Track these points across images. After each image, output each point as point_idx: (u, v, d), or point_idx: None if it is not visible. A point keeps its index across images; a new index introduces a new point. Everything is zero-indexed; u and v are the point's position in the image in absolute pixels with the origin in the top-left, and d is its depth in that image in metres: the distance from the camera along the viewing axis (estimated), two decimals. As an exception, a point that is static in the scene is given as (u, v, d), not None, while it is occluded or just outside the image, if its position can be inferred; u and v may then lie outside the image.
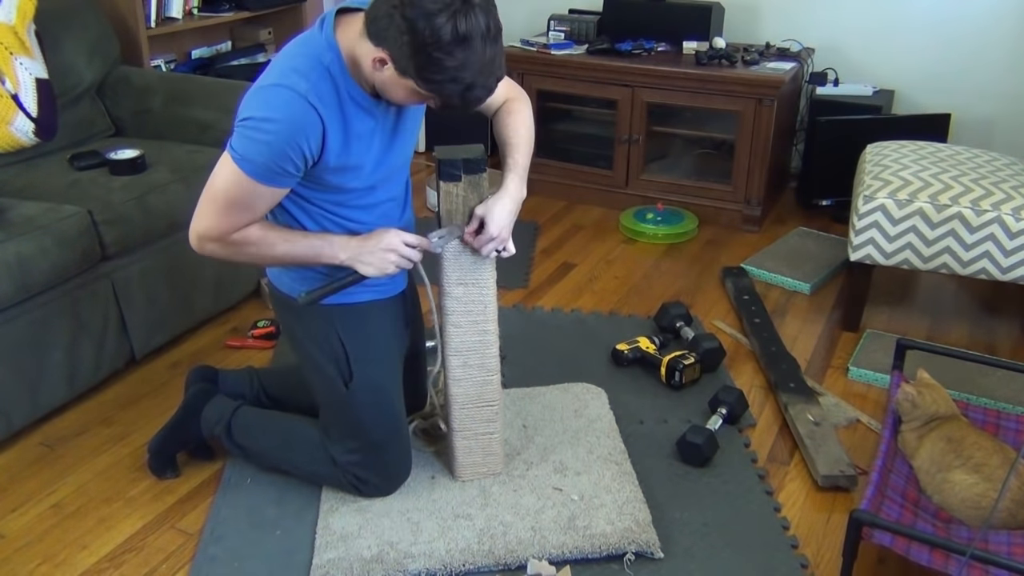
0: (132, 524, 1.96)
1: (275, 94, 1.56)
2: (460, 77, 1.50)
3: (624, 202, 3.66)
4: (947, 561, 1.57)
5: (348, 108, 1.62)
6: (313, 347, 1.87)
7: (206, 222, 1.65)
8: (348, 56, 1.60)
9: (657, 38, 3.67)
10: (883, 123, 3.33)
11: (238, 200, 1.62)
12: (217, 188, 1.62)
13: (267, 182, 1.60)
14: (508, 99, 1.91)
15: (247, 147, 1.57)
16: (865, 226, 2.57)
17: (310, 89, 1.55)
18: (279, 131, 1.54)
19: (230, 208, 1.63)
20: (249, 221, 1.67)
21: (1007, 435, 2.00)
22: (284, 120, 1.54)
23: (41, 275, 2.16)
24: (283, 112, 1.54)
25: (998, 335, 2.76)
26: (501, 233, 1.78)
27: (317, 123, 1.57)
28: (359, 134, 1.66)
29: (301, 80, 1.56)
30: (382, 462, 1.95)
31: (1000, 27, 3.41)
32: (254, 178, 1.59)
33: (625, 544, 1.85)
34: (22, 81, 2.57)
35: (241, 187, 1.60)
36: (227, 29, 3.93)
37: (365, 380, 1.87)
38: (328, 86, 1.59)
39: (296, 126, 1.55)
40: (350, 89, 1.62)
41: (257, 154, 1.56)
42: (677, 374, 2.41)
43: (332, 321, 1.84)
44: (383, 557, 1.82)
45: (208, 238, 1.67)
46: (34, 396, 2.21)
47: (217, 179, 1.62)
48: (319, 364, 1.87)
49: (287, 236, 1.72)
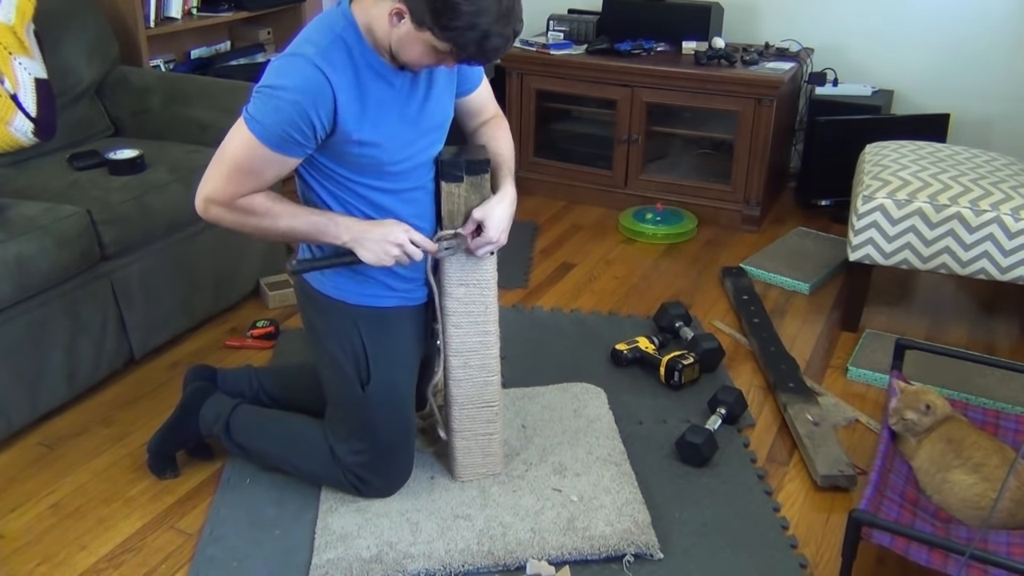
0: (131, 524, 1.96)
1: (286, 63, 1.61)
2: (477, 24, 1.50)
3: (623, 202, 3.67)
4: (946, 561, 1.57)
5: (364, 74, 1.64)
6: (334, 345, 1.87)
7: (212, 184, 1.68)
8: (364, 25, 1.63)
9: (656, 38, 3.67)
10: (882, 123, 3.33)
11: (246, 164, 1.64)
12: (227, 151, 1.65)
13: (276, 148, 1.62)
14: (495, 115, 1.96)
15: (259, 111, 1.61)
16: (864, 226, 2.57)
17: (317, 53, 1.59)
18: (288, 97, 1.58)
19: (238, 171, 1.65)
20: (255, 187, 1.68)
21: (1006, 435, 2.00)
22: (292, 87, 1.58)
23: (40, 275, 2.16)
24: (292, 79, 1.59)
25: (997, 335, 2.76)
26: (498, 237, 1.80)
27: (326, 87, 1.59)
28: (379, 102, 1.67)
29: (310, 47, 1.60)
30: (387, 465, 1.95)
31: (999, 27, 3.42)
32: (264, 142, 1.61)
33: (624, 545, 1.85)
34: (21, 81, 2.57)
35: (250, 151, 1.63)
36: (226, 29, 3.93)
37: (382, 383, 1.87)
38: (340, 52, 1.62)
39: (304, 92, 1.58)
40: (366, 55, 1.64)
41: (267, 118, 1.60)
42: (676, 374, 2.41)
43: (357, 322, 1.85)
44: (382, 557, 1.82)
45: (213, 201, 1.68)
46: (33, 396, 2.21)
47: (228, 143, 1.66)
48: (338, 362, 1.87)
49: (292, 210, 1.73)
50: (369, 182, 1.75)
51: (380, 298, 1.85)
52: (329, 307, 1.85)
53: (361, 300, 1.84)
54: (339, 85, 1.60)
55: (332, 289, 1.85)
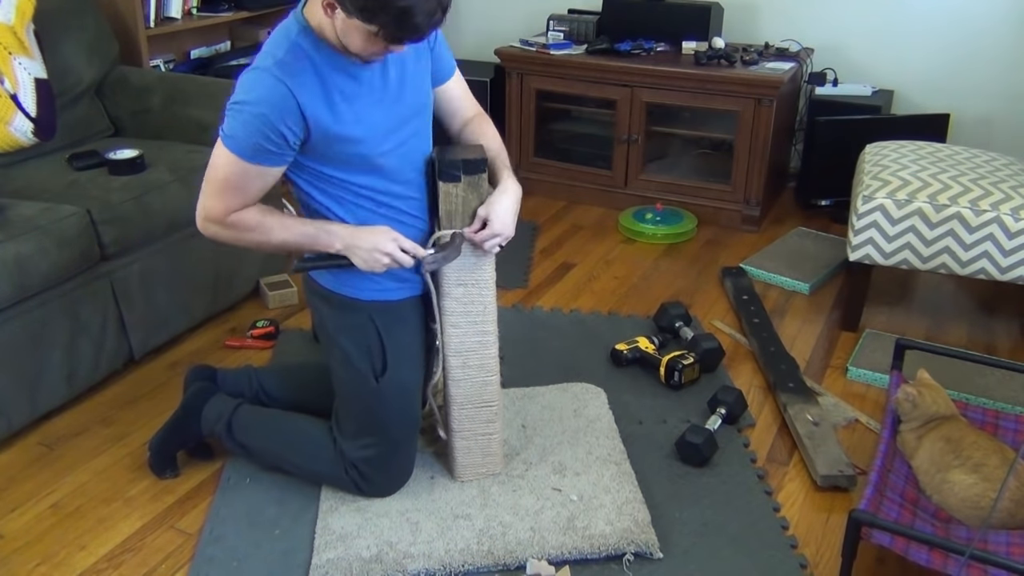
0: (131, 524, 1.96)
1: (249, 78, 1.66)
2: (393, 2, 1.49)
3: (623, 202, 3.66)
4: (946, 561, 1.57)
5: (328, 74, 1.67)
6: (347, 340, 1.88)
7: (205, 203, 1.73)
8: (316, 26, 1.66)
9: (656, 38, 3.67)
10: (882, 123, 3.33)
11: (230, 180, 1.69)
12: (211, 170, 1.71)
13: (252, 160, 1.66)
14: (477, 114, 1.97)
15: (231, 127, 1.66)
16: (864, 226, 2.57)
17: (275, 64, 1.63)
18: (253, 111, 1.62)
19: (224, 188, 1.70)
20: (243, 202, 1.72)
21: (1006, 435, 2.00)
22: (255, 100, 1.62)
23: (40, 275, 2.16)
24: (254, 93, 1.63)
25: (997, 335, 2.76)
26: (505, 230, 1.81)
27: (288, 97, 1.62)
28: (348, 97, 1.69)
29: (269, 59, 1.64)
30: (394, 461, 1.96)
31: (999, 27, 3.42)
32: (240, 156, 1.66)
33: (624, 545, 1.85)
34: (21, 81, 2.57)
35: (230, 166, 1.67)
36: (226, 29, 3.93)
37: (395, 376, 1.89)
38: (299, 57, 1.64)
39: (268, 104, 1.62)
40: (325, 55, 1.66)
41: (238, 132, 1.65)
42: (676, 374, 2.41)
43: (371, 316, 1.87)
44: (382, 557, 1.82)
45: (209, 219, 1.74)
46: (33, 396, 2.21)
47: (212, 162, 1.71)
48: (351, 358, 1.88)
49: (284, 223, 1.76)
50: (360, 180, 1.77)
51: (391, 291, 1.87)
52: (341, 303, 1.87)
53: (373, 295, 1.86)
54: (302, 91, 1.63)
55: (343, 286, 1.86)
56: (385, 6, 1.51)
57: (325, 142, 1.69)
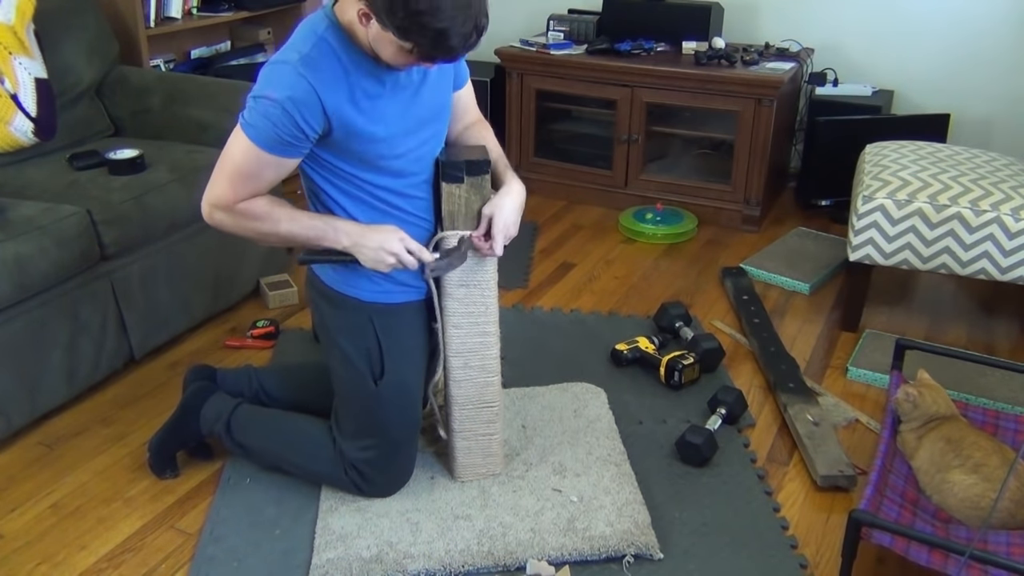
0: (131, 524, 1.96)
1: (272, 71, 1.64)
2: (430, 23, 1.50)
3: (623, 202, 3.66)
4: (946, 561, 1.57)
5: (352, 72, 1.66)
6: (347, 341, 1.88)
7: (215, 190, 1.72)
8: (346, 24, 1.66)
9: (656, 38, 3.67)
10: (882, 123, 3.33)
11: (245, 167, 1.68)
12: (226, 156, 1.70)
13: (271, 150, 1.66)
14: (479, 119, 1.98)
15: (251, 117, 1.65)
16: (864, 226, 2.57)
17: (300, 60, 1.62)
18: (275, 105, 1.61)
19: (238, 175, 1.69)
20: (255, 190, 1.71)
21: (1006, 435, 2.00)
22: (278, 97, 1.61)
23: (40, 275, 2.16)
24: (277, 88, 1.62)
25: (997, 335, 2.76)
26: (509, 229, 1.82)
27: (310, 93, 1.61)
28: (371, 97, 1.69)
29: (294, 53, 1.63)
30: (394, 462, 1.96)
31: (999, 28, 3.42)
32: (259, 145, 1.65)
33: (624, 547, 1.85)
34: (21, 81, 2.57)
35: (247, 154, 1.66)
36: (226, 29, 3.93)
37: (394, 378, 1.88)
38: (325, 54, 1.64)
39: (289, 100, 1.61)
40: (352, 53, 1.66)
41: (259, 123, 1.64)
42: (676, 374, 2.41)
43: (371, 317, 1.86)
44: (382, 557, 1.82)
45: (216, 206, 1.72)
46: (33, 396, 2.21)
47: (228, 148, 1.70)
48: (350, 358, 1.88)
49: (292, 215, 1.75)
50: (371, 178, 1.77)
51: (392, 293, 1.87)
52: (342, 303, 1.87)
53: (374, 297, 1.86)
54: (325, 88, 1.63)
55: (345, 286, 1.86)
56: (422, 28, 1.50)
57: (345, 138, 1.69)
